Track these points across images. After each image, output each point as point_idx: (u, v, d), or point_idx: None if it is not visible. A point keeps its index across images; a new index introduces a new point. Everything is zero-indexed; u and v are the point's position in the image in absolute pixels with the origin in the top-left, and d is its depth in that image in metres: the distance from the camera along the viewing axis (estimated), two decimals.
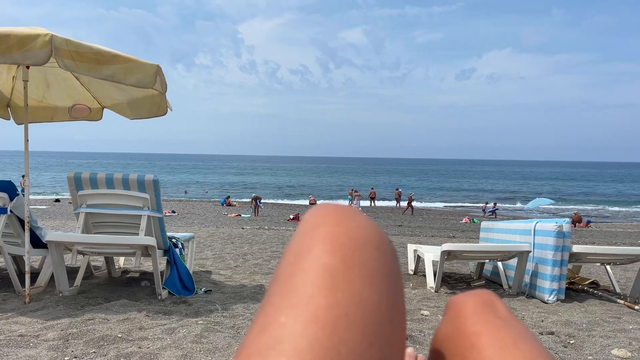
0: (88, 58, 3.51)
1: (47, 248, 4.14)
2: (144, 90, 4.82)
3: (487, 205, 28.57)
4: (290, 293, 0.32)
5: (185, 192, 39.04)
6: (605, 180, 79.82)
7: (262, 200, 24.55)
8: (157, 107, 4.90)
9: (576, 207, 33.19)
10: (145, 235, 4.20)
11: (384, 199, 35.77)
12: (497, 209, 27.27)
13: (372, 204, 31.31)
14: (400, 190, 33.00)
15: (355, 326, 0.30)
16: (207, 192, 40.06)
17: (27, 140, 4.01)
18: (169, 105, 4.59)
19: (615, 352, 3.18)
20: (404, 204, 32.26)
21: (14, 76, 5.07)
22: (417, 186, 56.58)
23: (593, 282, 5.37)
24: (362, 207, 27.16)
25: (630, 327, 3.81)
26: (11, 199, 4.23)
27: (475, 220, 22.42)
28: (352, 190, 27.39)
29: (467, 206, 35.74)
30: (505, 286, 5.18)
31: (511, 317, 0.44)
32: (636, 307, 4.45)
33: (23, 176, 4.03)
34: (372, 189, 33.02)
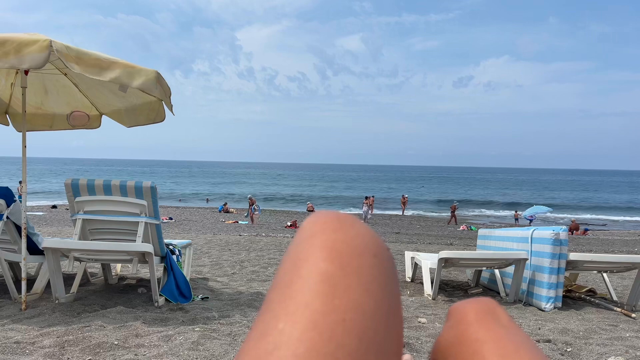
0: (89, 64, 3.53)
1: (43, 254, 4.13)
2: (142, 97, 4.83)
3: (519, 213, 28.41)
4: (288, 299, 0.32)
5: (180, 200, 38.99)
6: (602, 188, 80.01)
7: (256, 205, 22.49)
8: (155, 113, 4.90)
9: (573, 214, 33.24)
10: (142, 242, 4.19)
11: (384, 208, 35.69)
12: (534, 219, 26.79)
13: (370, 212, 31.22)
14: (407, 196, 32.80)
15: (353, 332, 0.30)
16: (207, 200, 39.86)
17: (24, 147, 4.01)
18: (170, 109, 4.56)
19: None
20: (407, 212, 32.11)
21: (12, 83, 5.08)
22: (416, 193, 56.60)
23: (590, 290, 5.37)
24: (357, 214, 27.08)
25: (627, 335, 3.81)
26: (8, 205, 4.22)
27: (472, 227, 22.43)
28: (368, 197, 27.07)
29: (465, 214, 35.74)
30: (502, 294, 5.18)
31: (513, 324, 0.45)
32: (633, 315, 4.45)
33: (20, 182, 4.02)
34: (372, 196, 32.96)
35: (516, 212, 29.55)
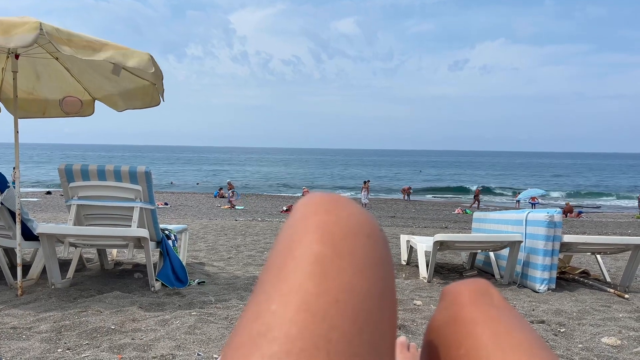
0: (81, 45, 3.48)
1: (38, 240, 4.12)
2: (136, 81, 4.78)
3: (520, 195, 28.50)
4: (281, 281, 0.32)
5: (172, 183, 39.14)
6: (596, 171, 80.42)
7: (232, 191, 21.49)
8: (149, 97, 4.87)
9: (568, 197, 33.44)
10: (137, 227, 4.19)
11: (378, 191, 35.74)
12: (537, 202, 26.69)
13: (367, 195, 31.27)
14: (410, 188, 32.76)
15: (346, 313, 0.30)
16: (198, 184, 39.96)
17: (17, 132, 3.97)
18: (162, 95, 4.55)
19: (605, 340, 3.22)
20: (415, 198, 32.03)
21: (3, 68, 5.02)
22: (410, 178, 56.73)
23: (583, 272, 5.42)
24: (354, 199, 26.99)
25: (620, 315, 3.86)
26: (2, 191, 4.19)
27: (467, 211, 22.55)
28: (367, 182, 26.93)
29: (460, 198, 35.90)
30: (497, 276, 5.22)
31: (506, 305, 0.45)
32: (626, 295, 4.50)
33: (14, 168, 4.00)
34: (368, 180, 32.98)
35: (517, 193, 29.65)
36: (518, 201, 27.86)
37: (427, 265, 5.11)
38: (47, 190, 27.60)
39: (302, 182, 43.72)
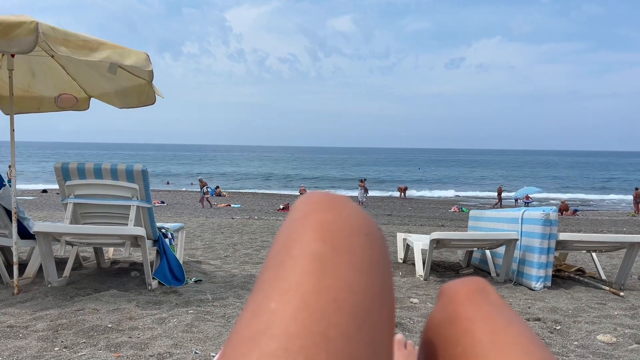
0: (77, 45, 3.47)
1: (35, 239, 4.11)
2: (132, 80, 4.77)
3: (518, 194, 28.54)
4: (280, 280, 0.32)
5: (168, 183, 39.12)
6: (592, 169, 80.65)
7: (207, 189, 20.74)
8: (145, 95, 4.86)
9: (563, 195, 33.55)
10: (134, 226, 4.18)
11: (374, 189, 35.75)
12: (531, 201, 26.78)
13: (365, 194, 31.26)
14: (406, 187, 32.75)
15: (344, 311, 0.30)
16: (192, 184, 39.84)
17: (13, 130, 3.96)
18: (158, 93, 4.55)
19: (600, 337, 3.24)
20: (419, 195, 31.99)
21: None
22: (406, 176, 56.79)
23: (579, 269, 5.45)
24: (351, 197, 26.97)
25: (616, 313, 3.88)
26: None
27: (464, 209, 22.60)
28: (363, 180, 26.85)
29: (458, 196, 35.96)
30: (493, 274, 5.24)
31: (502, 303, 0.45)
32: (621, 293, 4.52)
33: (10, 166, 3.98)
34: (364, 179, 32.99)
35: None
36: (516, 200, 27.91)
37: (424, 264, 5.12)
38: (43, 188, 27.51)
39: (299, 181, 43.70)
